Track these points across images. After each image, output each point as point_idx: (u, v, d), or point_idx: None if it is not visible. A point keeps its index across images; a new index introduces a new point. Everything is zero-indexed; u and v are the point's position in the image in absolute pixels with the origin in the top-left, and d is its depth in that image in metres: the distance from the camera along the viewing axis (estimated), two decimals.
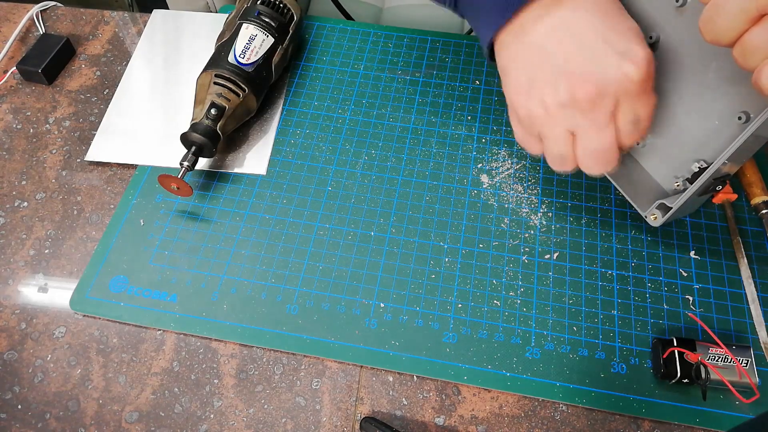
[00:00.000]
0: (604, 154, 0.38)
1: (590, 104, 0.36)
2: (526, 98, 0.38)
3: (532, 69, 0.37)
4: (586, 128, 0.37)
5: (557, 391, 0.43)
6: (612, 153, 0.38)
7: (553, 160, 0.40)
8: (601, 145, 0.37)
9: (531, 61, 0.37)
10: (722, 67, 0.37)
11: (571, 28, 0.36)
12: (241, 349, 0.45)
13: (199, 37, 0.62)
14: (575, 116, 0.37)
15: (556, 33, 0.36)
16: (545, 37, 0.37)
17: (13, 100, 0.58)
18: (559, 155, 0.39)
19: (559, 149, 0.38)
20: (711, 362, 0.41)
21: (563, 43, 0.36)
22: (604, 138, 0.37)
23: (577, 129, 0.37)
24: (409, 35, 0.63)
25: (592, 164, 0.38)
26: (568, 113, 0.37)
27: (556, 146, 0.38)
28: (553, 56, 0.36)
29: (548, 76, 0.37)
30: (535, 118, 0.38)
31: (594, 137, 0.37)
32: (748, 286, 0.47)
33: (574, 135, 0.38)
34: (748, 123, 0.36)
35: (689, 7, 0.37)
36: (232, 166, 0.54)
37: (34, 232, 0.51)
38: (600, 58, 0.35)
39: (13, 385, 0.44)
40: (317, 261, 0.48)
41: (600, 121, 0.36)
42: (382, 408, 0.43)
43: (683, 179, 0.42)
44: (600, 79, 0.35)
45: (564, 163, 0.39)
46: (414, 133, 0.56)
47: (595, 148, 0.37)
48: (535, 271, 0.48)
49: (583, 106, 0.36)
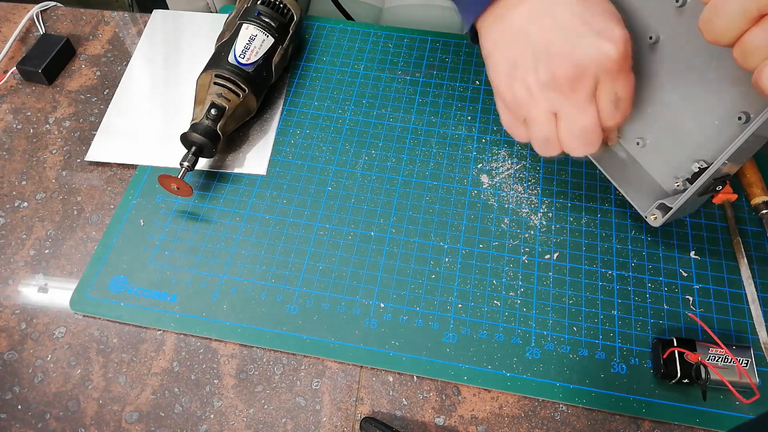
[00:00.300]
0: (587, 134, 0.38)
1: (570, 84, 0.36)
2: (510, 81, 0.39)
3: (514, 52, 0.38)
4: (568, 108, 0.38)
5: (557, 391, 0.43)
6: (595, 133, 0.38)
7: (538, 145, 0.41)
8: (583, 124, 0.38)
9: (512, 45, 0.38)
10: (722, 67, 0.37)
11: (550, 11, 0.37)
12: (241, 349, 0.45)
13: (199, 37, 0.62)
14: (557, 97, 0.37)
15: (536, 16, 0.37)
16: (525, 20, 0.37)
17: (13, 100, 0.59)
18: (543, 138, 0.40)
19: (543, 132, 0.39)
20: (711, 362, 0.41)
21: (543, 26, 0.37)
22: (586, 117, 0.38)
23: (559, 110, 0.38)
24: (409, 35, 0.63)
25: (575, 145, 0.39)
26: (550, 94, 0.37)
27: (540, 129, 0.39)
28: (534, 39, 0.37)
29: (529, 58, 0.37)
30: (519, 101, 0.39)
31: (576, 117, 0.38)
32: (748, 287, 0.47)
33: (557, 116, 0.38)
34: (748, 123, 0.36)
35: (689, 7, 0.37)
36: (232, 167, 0.54)
37: (34, 232, 0.51)
38: (578, 39, 0.36)
39: (13, 385, 0.44)
40: (317, 261, 0.48)
41: (581, 101, 0.37)
42: (382, 408, 0.43)
43: (683, 179, 0.42)
44: (579, 58, 0.36)
45: (549, 146, 0.40)
46: (414, 133, 0.56)
47: (578, 128, 0.38)
48: (535, 271, 0.48)
49: (563, 86, 0.37)
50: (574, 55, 0.36)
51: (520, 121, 0.41)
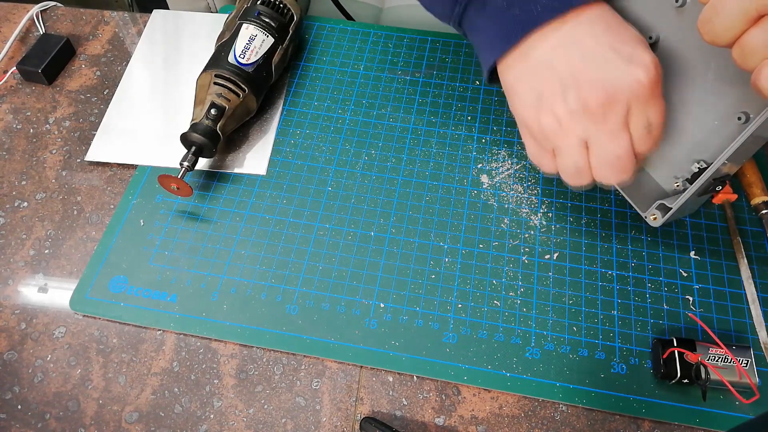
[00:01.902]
0: (620, 161, 0.37)
1: (602, 110, 0.35)
2: (537, 112, 0.38)
3: (540, 83, 0.37)
4: (600, 136, 0.36)
5: (557, 391, 0.43)
6: (628, 160, 0.37)
7: (568, 174, 0.39)
8: (616, 152, 0.37)
9: (537, 77, 0.37)
10: (722, 67, 0.37)
11: (575, 41, 0.36)
12: (241, 349, 0.45)
13: (199, 37, 0.62)
14: (588, 125, 0.36)
15: (561, 48, 0.36)
16: (550, 53, 0.37)
17: (13, 100, 0.59)
18: (574, 167, 0.38)
19: (574, 160, 0.38)
20: (711, 362, 0.41)
21: (569, 56, 0.36)
22: (618, 145, 0.36)
23: (590, 138, 0.37)
24: (409, 35, 0.63)
25: (608, 173, 0.38)
26: (581, 122, 0.36)
27: (571, 157, 0.38)
28: (560, 69, 0.36)
29: (557, 88, 0.36)
30: (548, 131, 0.38)
31: (608, 144, 0.36)
32: (748, 287, 0.47)
33: (588, 145, 0.37)
34: (747, 123, 0.36)
35: (688, 7, 0.37)
36: (232, 167, 0.54)
37: (34, 232, 0.51)
38: (608, 65, 0.35)
39: (13, 385, 0.44)
40: (317, 261, 0.48)
41: (613, 128, 0.36)
42: (382, 408, 0.43)
43: (683, 179, 0.42)
44: (610, 84, 0.35)
45: (579, 176, 0.39)
46: (414, 133, 0.56)
47: (611, 155, 0.37)
48: (535, 271, 0.48)
49: (595, 113, 0.35)
50: (604, 81, 0.35)
51: (548, 152, 0.40)
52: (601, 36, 0.36)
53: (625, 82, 0.35)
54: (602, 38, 0.36)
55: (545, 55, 0.37)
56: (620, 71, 0.35)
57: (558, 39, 0.37)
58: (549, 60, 0.37)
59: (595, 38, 0.36)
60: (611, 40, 0.36)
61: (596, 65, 0.35)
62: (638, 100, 0.35)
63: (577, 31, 0.36)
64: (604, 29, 0.36)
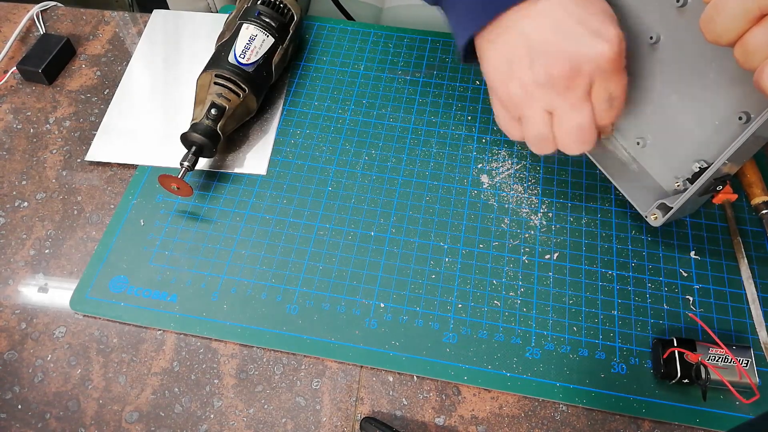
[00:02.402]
0: (582, 132, 0.39)
1: (566, 81, 0.37)
2: (506, 79, 0.39)
3: (510, 51, 0.39)
4: (564, 106, 0.38)
5: (557, 391, 0.43)
6: (590, 131, 0.39)
7: (533, 142, 0.41)
8: (578, 122, 0.38)
9: (509, 44, 0.39)
10: (722, 67, 0.37)
11: (547, 13, 0.37)
12: (241, 349, 0.45)
13: (200, 37, 0.62)
14: (552, 95, 0.38)
15: (534, 18, 0.37)
16: (523, 22, 0.38)
17: (14, 100, 0.59)
18: (538, 135, 0.40)
19: (538, 129, 0.40)
20: (711, 362, 0.41)
21: (541, 26, 0.37)
22: (581, 115, 0.38)
23: (554, 108, 0.38)
24: (409, 35, 0.63)
25: (570, 143, 0.39)
26: (546, 92, 0.38)
27: (535, 127, 0.40)
28: (530, 38, 0.37)
29: (525, 56, 0.38)
30: (515, 99, 0.39)
31: (571, 115, 0.38)
32: (748, 287, 0.47)
33: (552, 115, 0.39)
34: (748, 123, 0.36)
35: (690, 7, 0.37)
36: (233, 166, 0.54)
37: (34, 232, 0.51)
38: (574, 38, 0.36)
39: (13, 385, 0.44)
40: (317, 261, 0.48)
41: (576, 99, 0.38)
42: (382, 408, 0.43)
43: (683, 179, 0.42)
44: (574, 56, 0.36)
45: (544, 144, 0.41)
46: (414, 133, 0.56)
47: (573, 125, 0.39)
48: (535, 271, 0.48)
49: (559, 84, 0.37)
50: (569, 53, 0.36)
51: (515, 120, 0.41)
52: (572, 8, 0.37)
53: (589, 55, 0.36)
54: (573, 11, 0.36)
55: (518, 24, 0.38)
56: (585, 44, 0.36)
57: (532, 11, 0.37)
58: (521, 29, 0.38)
59: (565, 11, 0.37)
60: (580, 13, 0.36)
61: (564, 37, 0.36)
62: (601, 74, 0.37)
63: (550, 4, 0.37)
64: (575, 3, 0.37)
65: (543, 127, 0.39)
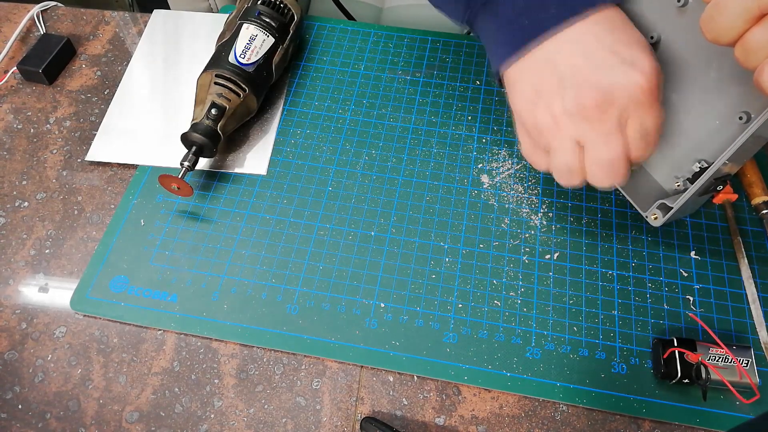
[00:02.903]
0: (613, 164, 0.37)
1: (598, 112, 0.35)
2: (533, 108, 0.38)
3: (540, 79, 0.37)
4: (595, 137, 0.36)
5: (557, 391, 0.43)
6: (621, 164, 0.37)
7: (560, 173, 0.39)
8: (609, 155, 0.36)
9: (538, 73, 0.37)
10: (723, 67, 0.37)
11: (579, 41, 0.36)
12: (242, 349, 0.45)
13: (200, 37, 0.62)
14: (583, 125, 0.36)
15: (564, 46, 0.36)
16: (553, 50, 0.37)
17: (14, 100, 0.59)
18: (566, 166, 0.38)
19: (566, 160, 0.38)
20: (711, 362, 0.41)
21: (571, 55, 0.36)
22: (612, 148, 0.36)
23: (585, 139, 0.37)
24: (409, 35, 0.63)
25: (600, 175, 0.37)
26: (576, 122, 0.36)
27: (563, 157, 0.38)
28: (561, 67, 0.36)
29: (555, 85, 0.37)
30: (543, 128, 0.38)
31: (603, 147, 0.36)
32: (748, 287, 0.47)
33: (582, 146, 0.37)
34: (748, 123, 0.36)
35: (690, 7, 0.37)
36: (233, 166, 0.54)
37: (34, 232, 0.51)
38: (607, 67, 0.35)
39: (14, 384, 0.44)
40: (317, 261, 0.48)
41: (608, 131, 0.36)
42: (382, 408, 0.43)
43: (684, 179, 0.42)
44: (607, 86, 0.35)
45: (571, 176, 0.39)
46: (414, 133, 0.56)
47: (604, 158, 0.37)
48: (535, 271, 0.48)
49: (590, 114, 0.35)
50: (603, 83, 0.35)
51: (542, 149, 0.40)
52: (604, 37, 0.36)
53: (623, 86, 0.35)
54: (606, 39, 0.35)
55: (548, 52, 0.37)
56: (618, 74, 0.35)
57: (562, 39, 0.37)
58: (551, 57, 0.37)
59: (597, 39, 0.36)
60: (613, 41, 0.35)
61: (596, 66, 0.35)
62: (635, 105, 0.35)
63: (581, 32, 0.36)
64: (609, 30, 0.36)
65: (572, 158, 0.37)
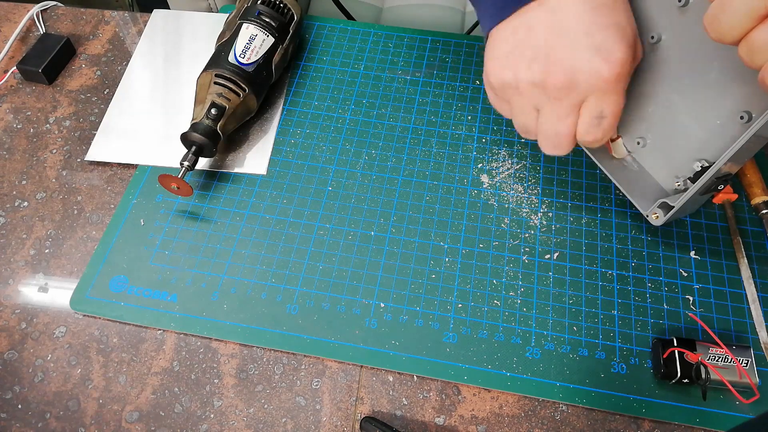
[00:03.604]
0: (558, 139, 0.40)
1: (557, 92, 0.37)
2: (501, 69, 0.40)
3: (515, 42, 0.39)
4: (549, 111, 0.39)
5: (557, 391, 0.43)
6: (566, 142, 0.40)
7: (518, 127, 0.42)
8: (557, 130, 0.39)
9: (515, 35, 0.39)
10: (724, 66, 0.37)
11: (559, 13, 0.37)
12: (242, 349, 0.45)
13: (200, 37, 0.62)
14: (542, 98, 0.38)
15: (546, 16, 0.37)
16: (533, 18, 0.38)
17: (14, 100, 0.58)
18: (523, 125, 0.42)
19: (524, 120, 0.41)
20: (711, 362, 0.41)
21: (548, 27, 0.37)
22: (561, 126, 0.39)
23: (540, 108, 0.39)
24: (409, 35, 0.63)
25: (544, 144, 0.41)
26: (536, 93, 0.38)
27: (521, 117, 0.41)
28: (535, 40, 0.37)
29: (527, 53, 0.38)
30: (507, 87, 0.40)
31: (555, 122, 0.39)
32: (748, 287, 0.47)
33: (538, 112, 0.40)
34: (750, 123, 0.36)
35: (692, 6, 0.37)
36: (233, 166, 0.54)
37: (34, 231, 0.51)
38: (576, 50, 0.36)
39: (14, 384, 0.44)
40: (317, 261, 0.48)
41: (562, 111, 0.38)
42: (382, 408, 0.43)
43: (684, 179, 0.42)
44: (571, 70, 0.36)
45: (528, 135, 0.42)
46: (414, 133, 0.56)
47: (551, 130, 0.39)
48: (535, 271, 0.48)
49: (551, 92, 0.37)
50: (568, 65, 0.36)
51: (505, 101, 0.42)
52: (584, 16, 0.36)
53: (586, 73, 0.36)
54: (584, 18, 0.36)
55: (530, 19, 0.38)
56: (584, 61, 0.35)
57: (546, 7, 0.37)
58: (531, 23, 0.38)
59: (577, 17, 0.36)
60: (591, 21, 0.36)
61: (567, 45, 0.36)
62: (596, 92, 0.37)
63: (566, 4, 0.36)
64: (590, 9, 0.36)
65: (528, 120, 0.41)
